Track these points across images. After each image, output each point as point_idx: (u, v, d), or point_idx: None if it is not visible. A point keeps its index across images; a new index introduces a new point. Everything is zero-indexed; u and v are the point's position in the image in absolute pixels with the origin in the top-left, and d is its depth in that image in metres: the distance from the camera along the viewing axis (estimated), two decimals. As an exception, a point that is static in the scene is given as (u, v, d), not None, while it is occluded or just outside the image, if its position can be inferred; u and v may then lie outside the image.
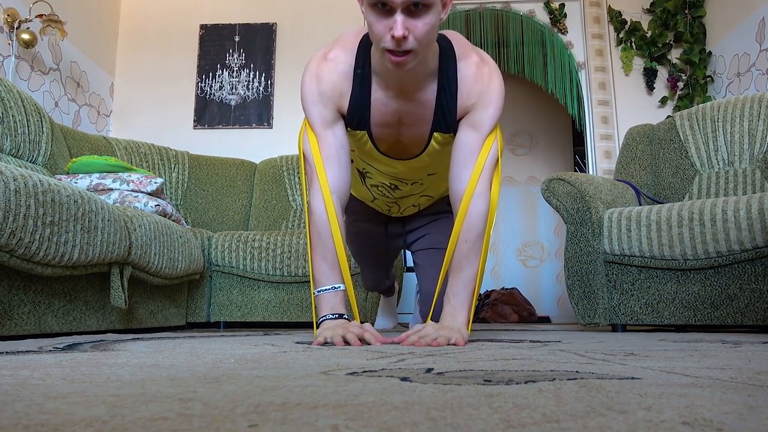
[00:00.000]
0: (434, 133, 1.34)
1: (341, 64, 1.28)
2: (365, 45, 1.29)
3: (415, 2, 1.08)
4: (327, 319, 1.22)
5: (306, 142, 1.32)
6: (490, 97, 1.27)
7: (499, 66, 4.05)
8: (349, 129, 1.35)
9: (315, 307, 1.28)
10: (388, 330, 2.24)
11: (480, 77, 1.27)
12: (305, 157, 1.32)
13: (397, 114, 1.32)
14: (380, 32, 1.13)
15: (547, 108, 5.12)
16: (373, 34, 1.16)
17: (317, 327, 1.25)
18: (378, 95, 1.30)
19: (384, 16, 1.11)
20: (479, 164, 1.27)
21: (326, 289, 1.24)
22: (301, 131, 1.36)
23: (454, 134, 1.33)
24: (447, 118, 1.30)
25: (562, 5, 3.73)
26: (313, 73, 1.29)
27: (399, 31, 1.08)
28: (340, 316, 1.22)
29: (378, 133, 1.36)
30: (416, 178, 1.54)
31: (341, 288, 1.25)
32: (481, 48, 3.98)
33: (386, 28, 1.11)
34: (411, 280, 3.55)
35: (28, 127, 2.16)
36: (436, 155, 1.41)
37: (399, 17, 1.09)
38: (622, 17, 3.70)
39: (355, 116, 1.32)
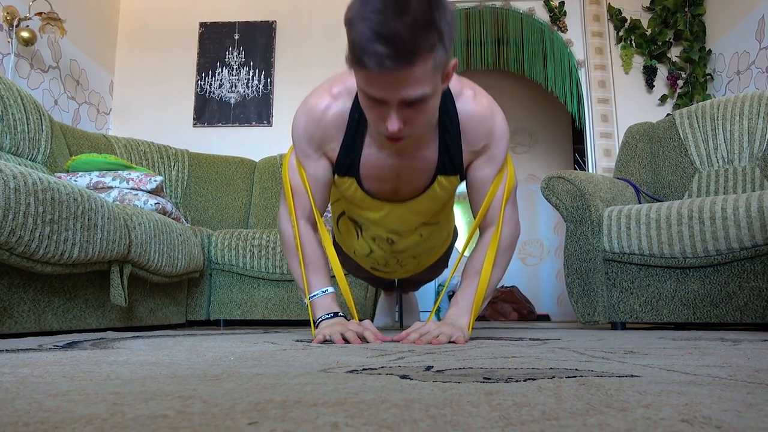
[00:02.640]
0: (438, 176, 1.26)
1: (336, 106, 1.19)
2: None
3: (410, 101, 0.97)
4: (324, 319, 1.26)
5: (289, 169, 1.31)
6: (499, 134, 1.23)
7: (499, 64, 4.06)
8: (336, 175, 1.28)
9: (311, 312, 1.32)
10: (387, 328, 2.24)
11: (482, 117, 1.20)
12: (284, 182, 1.34)
13: (395, 170, 1.25)
14: (374, 119, 1.04)
15: (546, 106, 5.12)
16: (366, 116, 1.07)
17: (315, 327, 1.28)
18: (372, 150, 1.22)
19: (377, 105, 1.00)
20: (506, 192, 1.26)
21: (315, 295, 1.29)
22: (286, 157, 1.34)
23: (461, 177, 1.27)
24: (453, 159, 1.23)
25: (562, 3, 3.73)
26: (306, 111, 1.23)
27: (394, 127, 0.99)
28: (336, 314, 1.27)
29: (370, 184, 1.29)
30: (413, 226, 1.43)
31: (329, 291, 1.30)
32: (480, 47, 4.00)
33: (380, 117, 1.01)
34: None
35: (27, 125, 2.16)
36: (435, 199, 1.33)
37: (394, 112, 0.98)
38: (622, 15, 3.70)
39: (344, 164, 1.25)
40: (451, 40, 0.95)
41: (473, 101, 1.20)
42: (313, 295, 1.30)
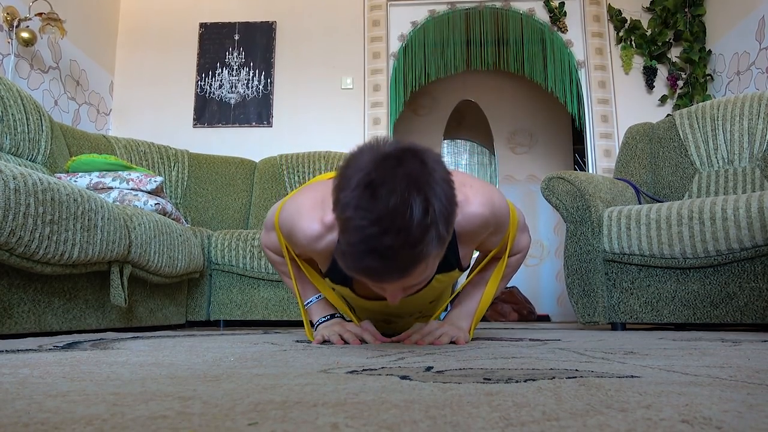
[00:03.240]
0: (436, 275, 1.15)
1: (330, 237, 1.05)
2: None
3: (409, 287, 0.91)
4: (321, 321, 1.27)
5: (271, 214, 1.24)
6: (497, 225, 1.14)
7: (499, 65, 4.06)
8: (328, 279, 1.19)
9: (309, 317, 1.33)
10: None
11: (477, 224, 1.09)
12: (267, 218, 1.28)
13: (386, 306, 1.20)
14: (374, 289, 0.95)
15: (546, 106, 5.12)
16: None
17: (314, 330, 1.29)
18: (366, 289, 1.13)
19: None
20: (511, 235, 1.21)
21: (310, 301, 1.30)
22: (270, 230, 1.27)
23: (459, 270, 1.18)
24: (451, 260, 1.13)
25: (562, 4, 3.73)
26: (293, 226, 1.11)
27: (395, 301, 0.94)
28: (333, 315, 1.27)
29: (366, 294, 1.19)
30: (410, 312, 1.35)
31: (321, 296, 1.30)
32: (481, 47, 4.00)
33: (379, 289, 0.93)
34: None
35: (27, 125, 2.16)
36: (435, 290, 1.23)
37: (392, 291, 0.92)
38: (622, 16, 3.70)
39: (336, 278, 1.15)
40: (452, 222, 0.86)
41: (467, 205, 1.06)
42: (308, 302, 1.30)
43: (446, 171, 0.86)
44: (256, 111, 3.75)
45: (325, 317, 1.27)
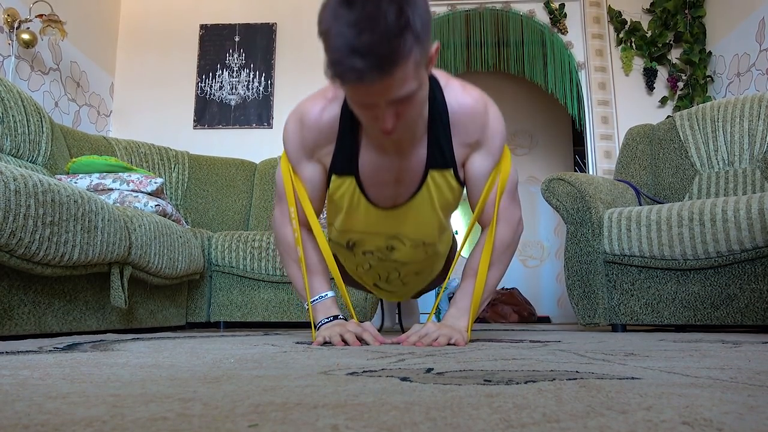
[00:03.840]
0: (430, 171, 1.20)
1: (332, 109, 1.17)
2: None
3: (398, 99, 0.97)
4: (323, 323, 1.27)
5: (279, 174, 1.31)
6: (492, 129, 1.19)
7: (499, 66, 4.06)
8: (333, 176, 1.24)
9: (312, 316, 1.33)
10: (387, 329, 2.24)
11: (473, 111, 1.17)
12: (277, 185, 1.33)
13: (394, 172, 1.21)
14: (366, 121, 1.05)
15: (547, 108, 5.12)
16: (359, 118, 1.08)
17: (316, 330, 1.29)
18: (369, 153, 1.19)
19: (367, 108, 1.00)
20: (500, 186, 1.23)
21: (315, 300, 1.30)
22: (282, 161, 1.31)
23: (454, 172, 1.22)
24: (444, 152, 1.18)
25: (562, 5, 3.73)
26: (299, 116, 1.21)
27: (387, 126, 0.99)
28: (335, 317, 1.27)
29: (369, 189, 1.24)
30: (411, 232, 1.35)
31: (329, 295, 1.31)
32: (481, 48, 4.00)
33: (372, 118, 1.01)
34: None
35: (28, 127, 2.16)
36: (431, 203, 1.26)
37: (384, 112, 0.98)
38: (622, 17, 3.70)
39: (341, 164, 1.21)
40: (429, 30, 0.94)
41: (462, 93, 1.17)
42: (313, 299, 1.30)
43: None
44: (257, 112, 3.75)
45: (327, 318, 1.27)
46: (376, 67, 0.88)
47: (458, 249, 1.42)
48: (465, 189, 1.30)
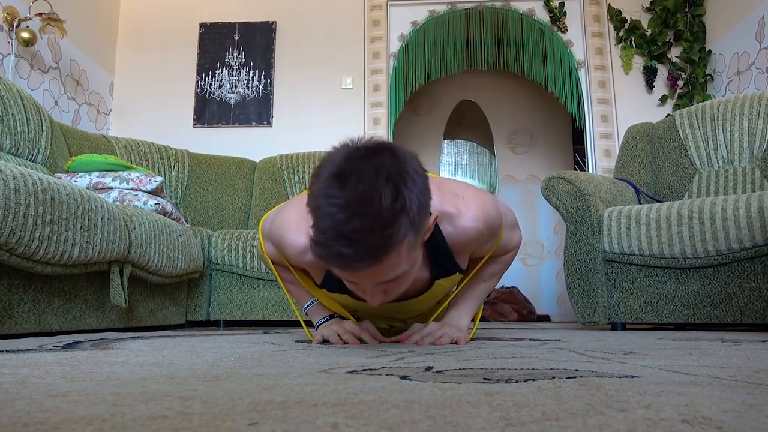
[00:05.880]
0: (436, 280, 1.15)
1: (310, 252, 0.95)
2: None
3: (387, 281, 0.89)
4: (321, 323, 1.28)
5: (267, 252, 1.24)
6: (489, 236, 1.12)
7: (499, 65, 4.06)
8: (324, 290, 1.18)
9: (311, 319, 1.33)
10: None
11: (469, 237, 1.07)
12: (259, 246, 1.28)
13: (390, 308, 1.20)
14: (354, 290, 0.96)
15: (546, 106, 5.12)
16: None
17: (315, 330, 1.30)
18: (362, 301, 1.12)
19: (354, 282, 0.92)
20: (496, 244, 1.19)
21: (309, 304, 1.30)
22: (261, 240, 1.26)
23: (460, 272, 1.17)
24: (447, 268, 1.13)
25: (562, 4, 3.73)
26: (281, 239, 1.11)
27: (375, 303, 0.93)
28: (332, 316, 1.28)
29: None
30: (413, 315, 1.34)
31: (318, 300, 1.30)
32: (481, 47, 4.00)
33: (359, 290, 0.94)
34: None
35: (27, 125, 2.16)
36: (438, 293, 1.22)
37: (372, 290, 0.91)
38: (622, 16, 3.70)
39: (332, 286, 1.14)
40: (427, 208, 0.86)
41: (458, 220, 1.05)
42: (307, 304, 1.31)
43: (420, 165, 0.86)
44: (256, 111, 3.75)
45: (325, 318, 1.28)
46: (367, 256, 0.80)
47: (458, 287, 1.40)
48: None
